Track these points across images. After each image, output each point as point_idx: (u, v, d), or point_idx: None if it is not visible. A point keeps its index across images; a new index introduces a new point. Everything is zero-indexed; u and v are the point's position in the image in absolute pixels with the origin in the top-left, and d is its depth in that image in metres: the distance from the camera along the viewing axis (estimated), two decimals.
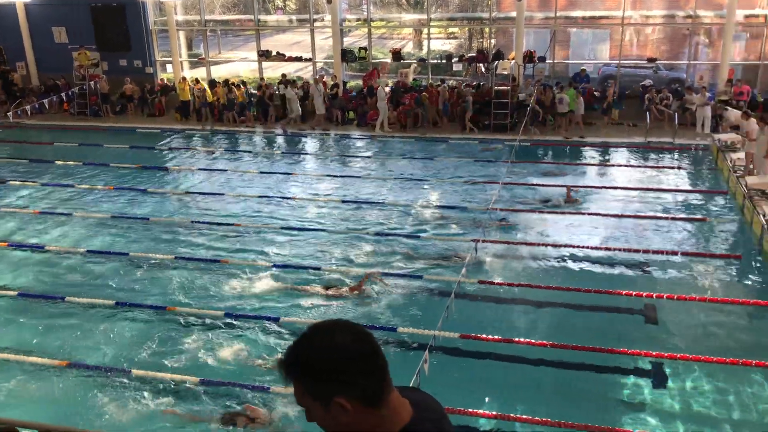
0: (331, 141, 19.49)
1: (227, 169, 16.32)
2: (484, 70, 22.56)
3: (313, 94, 20.39)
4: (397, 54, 22.47)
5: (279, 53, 23.13)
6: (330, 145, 19.19)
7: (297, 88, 20.98)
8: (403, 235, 11.61)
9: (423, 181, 14.85)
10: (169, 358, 7.91)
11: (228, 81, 21.77)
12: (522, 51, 20.19)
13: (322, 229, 11.98)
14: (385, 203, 13.38)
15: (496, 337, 8.03)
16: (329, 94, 20.80)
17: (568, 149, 17.68)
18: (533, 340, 7.95)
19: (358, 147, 18.78)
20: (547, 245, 10.94)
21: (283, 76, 21.77)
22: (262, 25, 23.52)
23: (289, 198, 13.91)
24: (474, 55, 22.62)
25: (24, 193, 14.59)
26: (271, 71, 23.94)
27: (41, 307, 9.29)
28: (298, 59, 23.02)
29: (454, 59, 22.41)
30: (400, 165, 16.40)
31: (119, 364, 7.80)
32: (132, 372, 7.56)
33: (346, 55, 22.12)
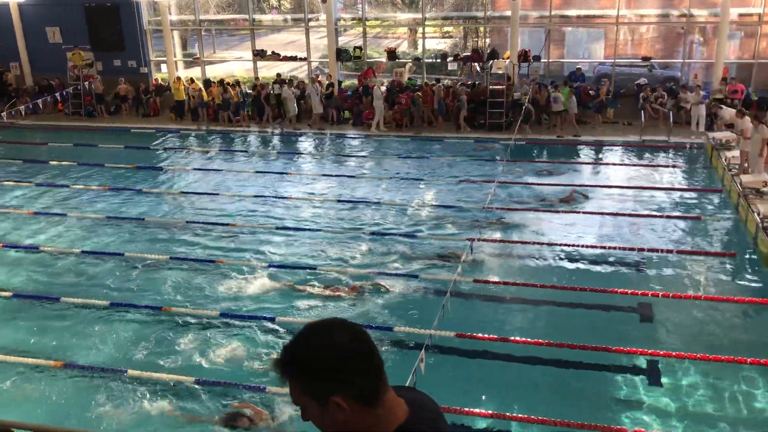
0: (326, 140, 19.48)
1: (222, 169, 16.30)
2: (479, 69, 22.57)
3: (310, 93, 20.38)
4: (392, 53, 22.44)
5: (274, 53, 23.09)
6: (326, 144, 19.19)
7: (294, 87, 20.97)
8: (399, 235, 11.62)
9: (419, 181, 14.86)
10: (164, 359, 7.90)
11: (223, 81, 21.73)
12: (517, 50, 20.21)
13: (318, 229, 11.98)
14: (381, 203, 13.39)
15: (492, 336, 8.05)
16: (324, 94, 20.79)
17: (563, 148, 17.70)
18: (529, 339, 7.97)
19: (354, 146, 18.77)
20: (543, 244, 10.96)
21: (278, 75, 21.76)
22: (257, 24, 23.49)
23: (284, 197, 13.90)
24: (469, 54, 22.61)
25: (18, 194, 14.55)
26: (266, 71, 23.90)
27: (36, 308, 9.27)
28: (293, 59, 23.00)
29: (449, 58, 22.41)
30: (396, 164, 16.40)
31: (114, 365, 7.78)
32: (127, 372, 7.54)
33: (341, 55, 22.11)
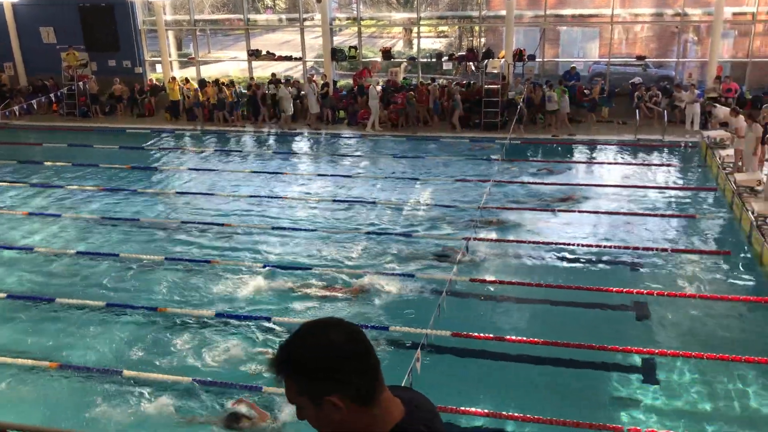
0: (322, 140, 19.47)
1: (218, 169, 16.27)
2: (474, 68, 22.59)
3: (307, 93, 20.35)
4: (387, 53, 22.43)
5: (269, 52, 23.05)
6: (321, 144, 19.17)
7: (290, 86, 20.94)
8: (395, 234, 11.62)
9: (414, 180, 14.87)
10: (160, 359, 7.88)
11: (218, 81, 21.68)
12: (512, 49, 20.23)
13: (314, 229, 11.97)
14: (377, 202, 13.39)
15: (488, 335, 8.06)
16: (320, 93, 20.77)
17: (558, 147, 17.73)
18: (525, 338, 7.98)
19: (349, 146, 18.76)
20: (538, 243, 10.97)
21: (273, 75, 21.73)
22: (252, 24, 23.44)
23: (280, 197, 13.88)
24: (464, 53, 22.65)
25: (13, 194, 14.49)
26: (261, 70, 23.87)
27: (31, 309, 9.24)
28: (288, 58, 22.97)
29: (444, 58, 22.40)
30: (391, 164, 16.40)
31: (110, 365, 7.76)
32: (123, 373, 7.53)
33: (336, 54, 22.08)
